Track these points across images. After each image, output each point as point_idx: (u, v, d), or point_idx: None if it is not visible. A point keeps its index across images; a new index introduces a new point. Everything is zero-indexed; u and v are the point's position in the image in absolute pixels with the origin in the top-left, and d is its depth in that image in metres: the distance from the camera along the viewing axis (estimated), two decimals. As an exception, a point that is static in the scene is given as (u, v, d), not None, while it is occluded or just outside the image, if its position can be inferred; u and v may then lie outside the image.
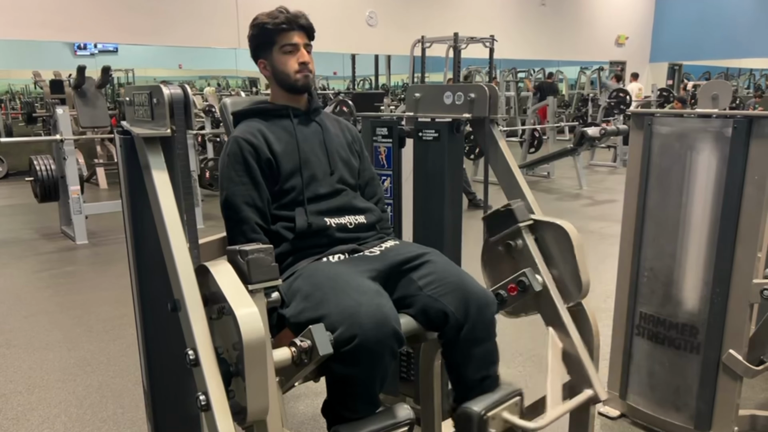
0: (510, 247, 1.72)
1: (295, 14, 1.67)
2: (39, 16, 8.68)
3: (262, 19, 1.66)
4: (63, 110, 5.03)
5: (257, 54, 1.72)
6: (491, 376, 1.54)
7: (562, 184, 7.95)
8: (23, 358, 2.90)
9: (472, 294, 1.48)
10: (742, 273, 1.84)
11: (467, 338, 1.48)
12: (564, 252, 1.69)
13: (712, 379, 1.93)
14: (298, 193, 1.62)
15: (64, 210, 5.30)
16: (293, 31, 1.66)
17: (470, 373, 1.51)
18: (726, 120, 1.84)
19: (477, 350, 1.50)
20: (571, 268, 1.68)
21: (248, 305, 1.10)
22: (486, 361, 1.53)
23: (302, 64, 1.67)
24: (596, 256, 4.35)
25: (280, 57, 1.67)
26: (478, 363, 1.51)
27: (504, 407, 1.49)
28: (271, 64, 1.69)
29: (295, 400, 2.43)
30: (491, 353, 1.55)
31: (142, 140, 1.29)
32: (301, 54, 1.67)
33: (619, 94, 9.10)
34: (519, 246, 1.71)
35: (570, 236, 1.67)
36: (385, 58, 13.92)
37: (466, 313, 1.46)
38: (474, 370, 1.51)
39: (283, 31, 1.65)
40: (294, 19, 1.66)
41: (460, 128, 1.95)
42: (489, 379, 1.53)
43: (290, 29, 1.65)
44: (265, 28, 1.65)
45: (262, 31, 1.66)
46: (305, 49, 1.68)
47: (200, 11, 10.06)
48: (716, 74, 15.78)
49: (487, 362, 1.53)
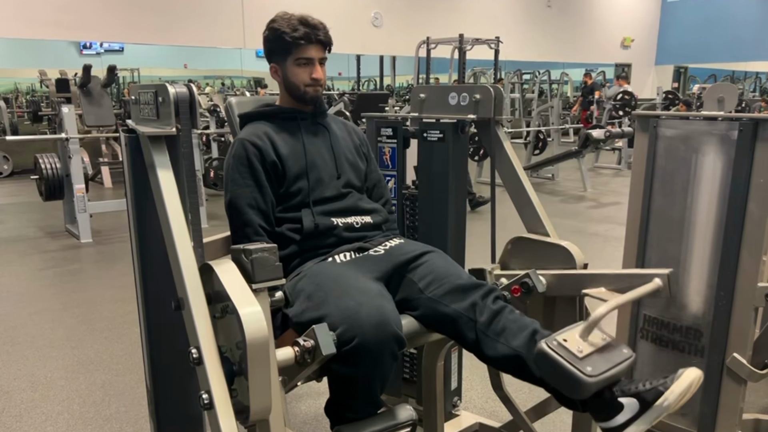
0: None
1: (315, 27, 1.63)
2: (47, 16, 8.72)
3: (282, 26, 1.62)
4: (68, 109, 5.05)
5: (270, 57, 1.69)
6: (538, 331, 1.36)
7: (566, 186, 7.93)
8: (27, 355, 2.91)
9: (472, 288, 1.46)
10: (746, 276, 1.84)
11: (484, 323, 1.39)
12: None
13: (715, 383, 1.93)
14: (305, 195, 1.62)
15: (69, 208, 5.31)
16: (311, 45, 1.63)
17: (515, 342, 1.35)
18: (732, 123, 1.83)
19: (502, 323, 1.38)
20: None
21: (252, 304, 1.10)
22: (521, 324, 1.38)
23: (314, 80, 1.66)
24: (600, 258, 4.34)
25: (293, 68, 1.65)
26: (513, 330, 1.37)
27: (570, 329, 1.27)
28: (284, 71, 1.67)
29: (298, 400, 2.43)
30: (519, 319, 1.40)
31: (148, 139, 1.29)
32: (315, 70, 1.65)
33: (624, 96, 9.07)
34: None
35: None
36: (390, 59, 13.92)
37: (472, 306, 1.42)
38: (513, 337, 1.36)
39: (300, 45, 1.62)
40: (313, 33, 1.62)
41: (465, 129, 1.95)
42: (538, 334, 1.35)
43: (308, 43, 1.62)
44: (283, 38, 1.62)
45: (279, 39, 1.63)
46: (320, 62, 1.66)
47: (206, 11, 10.08)
48: (722, 77, 15.73)
49: (523, 324, 1.38)
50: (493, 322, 1.39)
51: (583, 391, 1.18)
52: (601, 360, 1.20)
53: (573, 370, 1.17)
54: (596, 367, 1.18)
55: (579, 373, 1.16)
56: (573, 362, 1.17)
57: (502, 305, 1.43)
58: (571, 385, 1.18)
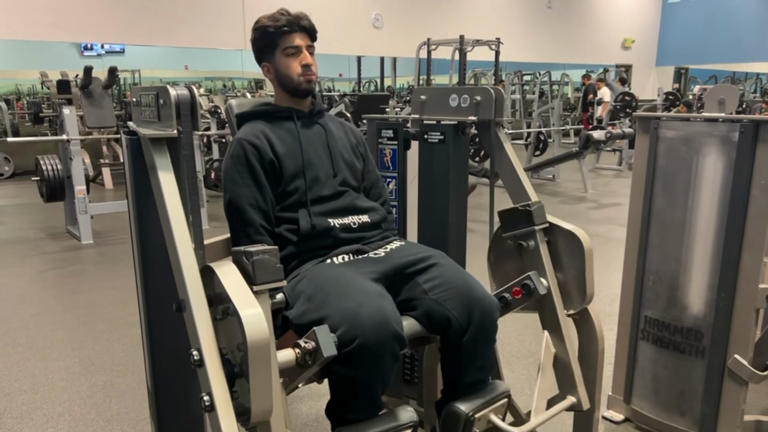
0: (521, 247, 1.73)
1: (296, 16, 1.66)
2: (49, 17, 8.74)
3: (264, 22, 1.65)
4: (69, 110, 5.05)
5: (260, 57, 1.72)
6: (484, 381, 1.56)
7: (567, 187, 7.93)
8: (28, 357, 2.91)
9: (477, 299, 1.48)
10: (747, 278, 1.84)
11: (468, 343, 1.48)
12: (573, 260, 1.69)
13: (717, 384, 1.93)
14: (301, 194, 1.62)
15: (70, 210, 5.32)
16: (295, 33, 1.65)
17: (466, 377, 1.53)
18: (733, 124, 1.84)
19: (476, 356, 1.51)
20: (578, 276, 1.68)
21: (253, 306, 1.10)
22: (483, 367, 1.55)
23: (305, 67, 1.66)
24: (601, 259, 4.33)
25: (282, 60, 1.67)
26: (475, 368, 1.53)
27: (491, 408, 1.51)
28: (275, 67, 1.69)
29: (299, 402, 2.43)
30: (488, 358, 1.57)
31: (149, 141, 1.29)
32: (304, 56, 1.67)
33: (624, 98, 9.07)
34: (530, 247, 1.71)
35: (583, 245, 1.67)
36: (390, 60, 13.92)
37: (470, 318, 1.46)
38: (470, 375, 1.53)
39: (284, 33, 1.64)
40: (296, 20, 1.65)
41: (466, 131, 1.95)
42: (481, 383, 1.55)
43: (292, 31, 1.64)
44: (267, 31, 1.65)
45: (264, 34, 1.66)
46: (308, 50, 1.68)
47: (207, 13, 10.10)
48: (723, 78, 15.73)
49: (484, 368, 1.56)
50: (473, 350, 1.51)
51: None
52: None
53: None
54: None
55: None
56: None
57: (490, 338, 1.53)
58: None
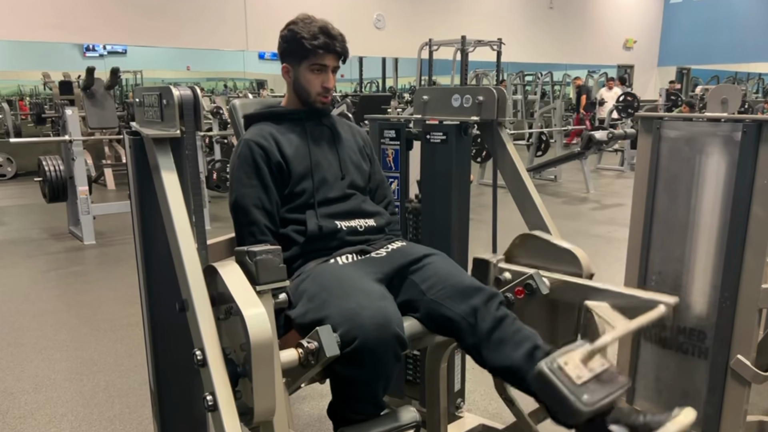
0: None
1: (334, 38, 1.64)
2: (51, 18, 8.76)
3: (301, 31, 1.62)
4: (72, 111, 5.06)
5: (284, 57, 1.70)
6: (539, 347, 1.38)
7: (569, 188, 7.93)
8: (31, 357, 2.91)
9: (474, 292, 1.46)
10: (750, 278, 1.83)
11: (486, 331, 1.40)
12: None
13: (719, 385, 1.92)
14: (309, 196, 1.62)
15: (72, 210, 5.33)
16: (328, 54, 1.64)
17: (515, 354, 1.37)
18: (735, 124, 1.83)
19: (504, 333, 1.40)
20: None
21: (256, 306, 1.10)
22: (522, 335, 1.40)
23: (325, 89, 1.67)
24: (603, 260, 4.34)
25: (306, 74, 1.66)
26: (514, 342, 1.39)
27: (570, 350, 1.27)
28: (296, 74, 1.68)
29: (301, 402, 2.43)
30: (521, 329, 1.41)
31: (152, 141, 1.29)
32: (327, 78, 1.66)
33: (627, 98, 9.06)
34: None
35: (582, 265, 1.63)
36: (392, 61, 13.93)
37: (474, 311, 1.43)
38: (514, 349, 1.37)
39: (318, 54, 1.63)
40: (332, 44, 1.63)
41: (468, 131, 1.95)
42: (539, 350, 1.37)
43: (326, 53, 1.63)
44: (301, 43, 1.62)
45: (297, 42, 1.63)
46: (333, 72, 1.68)
47: (209, 14, 10.11)
48: (725, 78, 15.71)
49: (524, 336, 1.40)
50: (495, 330, 1.41)
51: (576, 419, 1.19)
52: (598, 388, 1.20)
53: (570, 397, 1.17)
54: (593, 396, 1.19)
55: (575, 401, 1.17)
56: (571, 389, 1.18)
57: (504, 313, 1.44)
58: (566, 411, 1.19)
